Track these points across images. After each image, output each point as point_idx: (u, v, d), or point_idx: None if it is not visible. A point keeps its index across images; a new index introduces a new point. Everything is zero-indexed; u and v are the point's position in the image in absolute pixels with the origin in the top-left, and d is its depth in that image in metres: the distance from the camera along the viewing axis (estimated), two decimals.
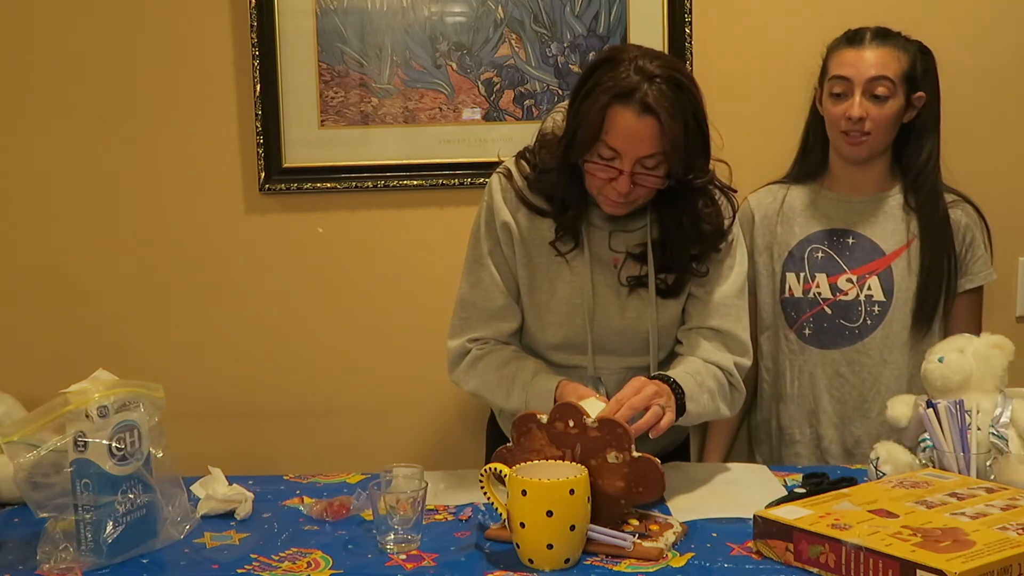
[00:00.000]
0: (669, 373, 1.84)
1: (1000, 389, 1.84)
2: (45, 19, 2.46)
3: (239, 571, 1.54)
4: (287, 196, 2.50)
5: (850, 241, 2.18)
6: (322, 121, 2.48)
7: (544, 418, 1.66)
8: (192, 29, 2.46)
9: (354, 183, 2.49)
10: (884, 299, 2.15)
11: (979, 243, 2.20)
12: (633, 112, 1.72)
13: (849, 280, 2.16)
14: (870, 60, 2.11)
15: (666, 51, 2.39)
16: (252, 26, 2.42)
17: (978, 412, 1.77)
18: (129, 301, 2.54)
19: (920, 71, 2.15)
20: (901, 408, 1.91)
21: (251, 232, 2.52)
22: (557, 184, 1.86)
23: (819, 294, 2.17)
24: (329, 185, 2.49)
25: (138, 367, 1.83)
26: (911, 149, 2.18)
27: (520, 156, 1.95)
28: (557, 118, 1.90)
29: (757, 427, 2.32)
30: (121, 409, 1.59)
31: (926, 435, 1.79)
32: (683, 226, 1.86)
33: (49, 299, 2.54)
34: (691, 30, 2.43)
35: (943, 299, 2.17)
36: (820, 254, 2.18)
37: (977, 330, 2.18)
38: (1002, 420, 1.78)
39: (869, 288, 2.16)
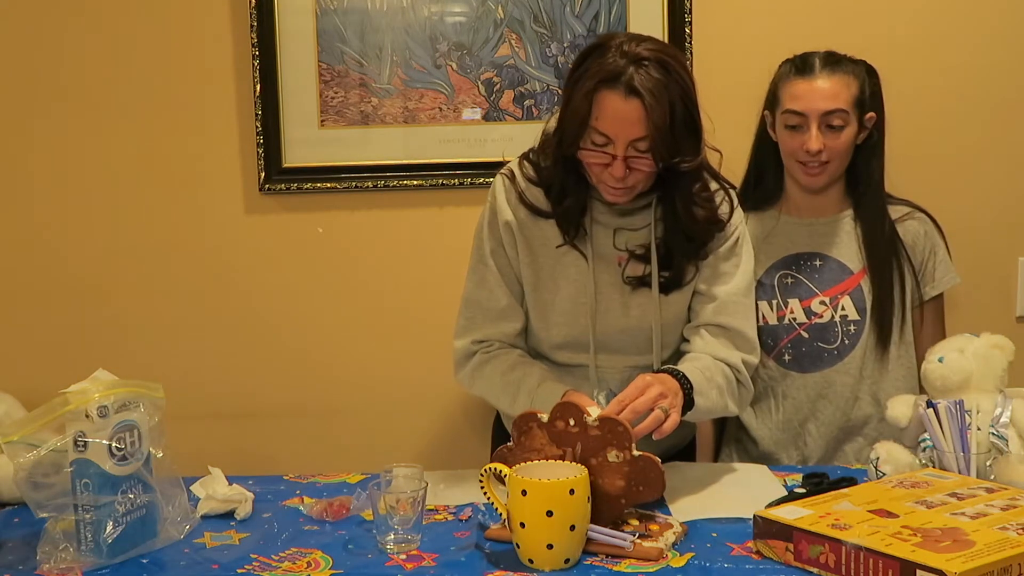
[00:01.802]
0: (678, 367, 1.84)
1: (1000, 389, 1.85)
2: (45, 19, 2.46)
3: (239, 571, 1.54)
4: (287, 196, 2.50)
5: (817, 263, 2.16)
6: (322, 121, 2.48)
7: (544, 417, 1.66)
8: (192, 29, 2.46)
9: (354, 183, 2.49)
10: (859, 317, 2.13)
11: (941, 248, 2.18)
12: (619, 95, 1.73)
13: (822, 302, 2.14)
14: (823, 92, 2.06)
15: None
16: (252, 26, 2.42)
17: (978, 412, 1.77)
18: (129, 301, 2.54)
19: (869, 93, 2.11)
20: (901, 408, 1.91)
21: (251, 232, 2.52)
22: (555, 174, 1.87)
23: (794, 319, 2.14)
24: (329, 185, 2.49)
25: (138, 367, 1.83)
26: (859, 169, 2.15)
27: (524, 157, 1.96)
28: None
29: (728, 457, 2.29)
30: (121, 409, 1.59)
31: (926, 435, 1.79)
32: (677, 210, 1.87)
33: (49, 299, 2.54)
34: (691, 30, 2.43)
35: (902, 321, 2.15)
36: (790, 280, 2.15)
37: (944, 334, 2.18)
38: (1002, 420, 1.78)
39: (843, 308, 2.14)
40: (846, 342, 2.14)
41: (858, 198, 2.16)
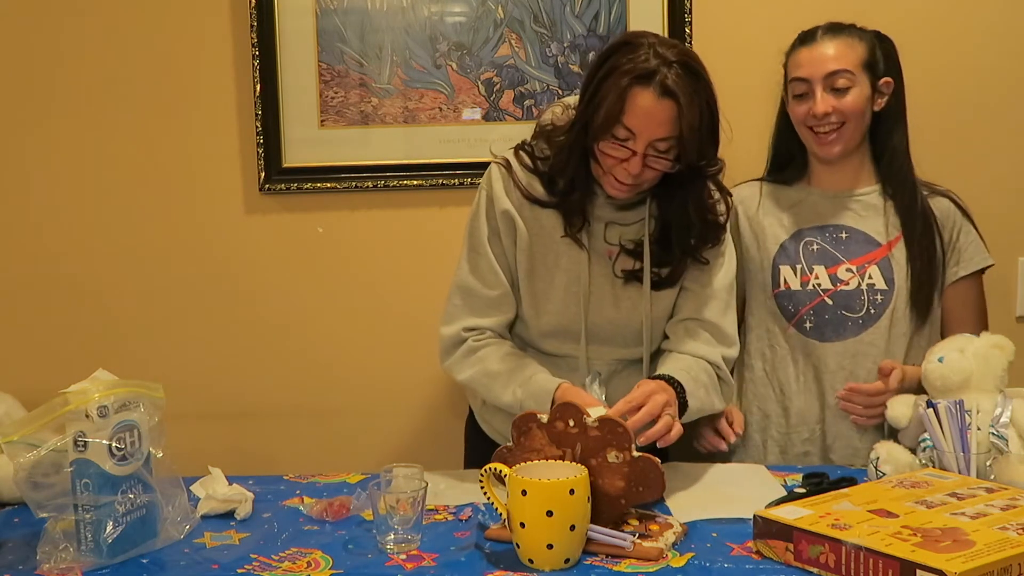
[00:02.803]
0: (668, 372, 1.85)
1: (1000, 389, 1.85)
2: (44, 19, 2.46)
3: (239, 571, 1.54)
4: (287, 196, 2.50)
5: (844, 235, 2.15)
6: (322, 121, 2.48)
7: (544, 418, 1.66)
8: (192, 29, 2.46)
9: (354, 183, 2.49)
10: (886, 287, 2.10)
11: (970, 228, 2.16)
12: (653, 94, 1.75)
13: (849, 270, 2.11)
14: (825, 55, 2.07)
15: None
16: (252, 26, 2.42)
17: (978, 412, 1.78)
18: (129, 301, 2.54)
19: (881, 57, 2.11)
20: (901, 408, 1.91)
21: (251, 232, 2.52)
22: (567, 167, 1.88)
23: (819, 285, 2.12)
24: (329, 185, 2.49)
25: (138, 367, 1.83)
26: (882, 140, 2.15)
27: (519, 148, 1.97)
28: (556, 111, 1.94)
29: (761, 430, 2.27)
30: (121, 409, 1.59)
31: (926, 435, 1.79)
32: (689, 213, 1.89)
33: (49, 299, 2.54)
34: (691, 30, 2.43)
35: (937, 291, 2.15)
36: (815, 247, 2.14)
37: (983, 319, 2.17)
38: (1002, 420, 1.78)
39: (870, 277, 2.11)
40: (871, 311, 2.11)
41: (885, 169, 2.15)
